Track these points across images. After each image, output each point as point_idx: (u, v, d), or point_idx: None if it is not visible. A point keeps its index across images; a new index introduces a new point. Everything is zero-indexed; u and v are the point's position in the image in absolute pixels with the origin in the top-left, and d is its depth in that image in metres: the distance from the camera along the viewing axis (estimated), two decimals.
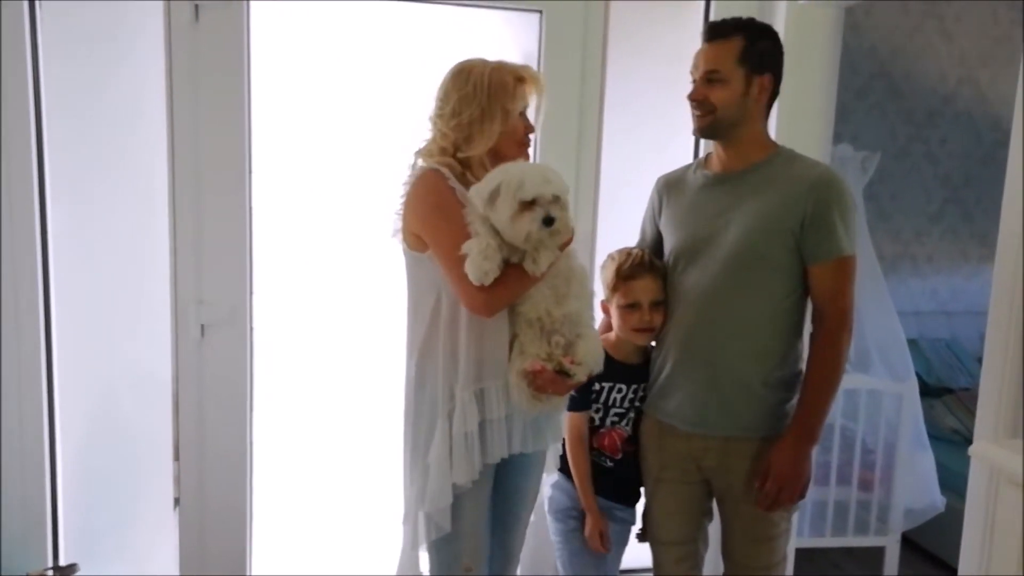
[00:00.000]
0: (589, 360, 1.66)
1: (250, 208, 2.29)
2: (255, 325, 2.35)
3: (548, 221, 1.53)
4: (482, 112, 1.63)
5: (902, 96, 4.16)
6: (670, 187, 1.94)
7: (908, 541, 3.00)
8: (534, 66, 2.36)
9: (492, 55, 1.71)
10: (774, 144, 1.85)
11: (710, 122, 1.75)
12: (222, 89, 2.21)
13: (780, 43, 1.80)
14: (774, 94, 1.80)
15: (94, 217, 2.21)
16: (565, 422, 1.90)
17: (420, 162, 1.70)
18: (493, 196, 1.53)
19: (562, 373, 1.64)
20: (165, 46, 2.17)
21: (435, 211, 1.62)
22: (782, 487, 1.73)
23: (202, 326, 2.28)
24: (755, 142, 1.79)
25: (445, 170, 1.65)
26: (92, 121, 2.19)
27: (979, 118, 4.27)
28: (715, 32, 1.76)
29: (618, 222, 2.17)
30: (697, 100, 1.75)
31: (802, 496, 1.78)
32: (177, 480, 2.34)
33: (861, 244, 3.06)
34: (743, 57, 1.72)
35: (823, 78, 2.35)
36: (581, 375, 1.65)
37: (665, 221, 1.93)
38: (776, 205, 1.72)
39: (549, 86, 2.33)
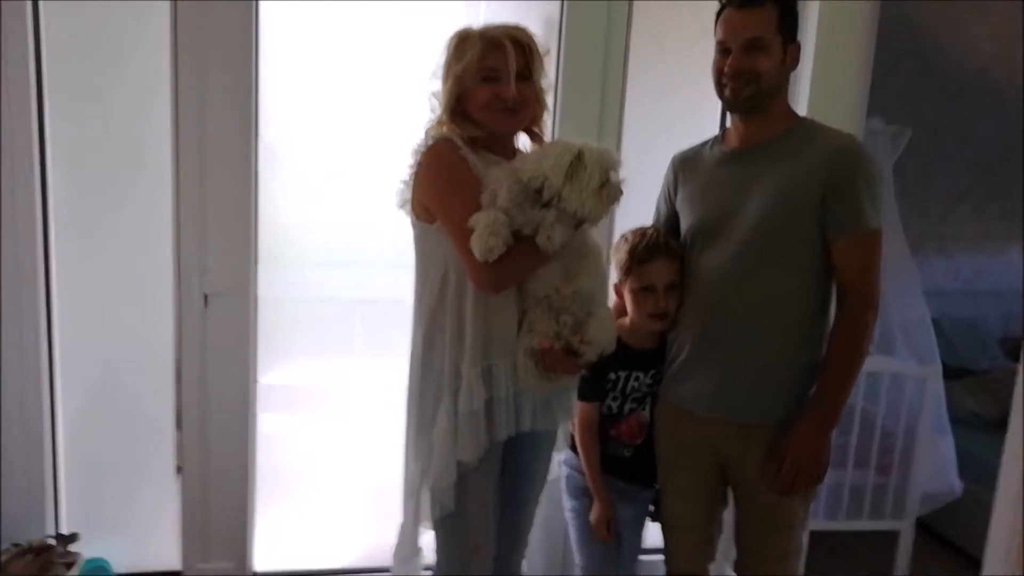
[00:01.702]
0: (600, 339, 1.60)
1: (256, 175, 2.21)
2: (260, 295, 2.29)
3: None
4: (445, 73, 1.59)
5: (933, 72, 4.03)
6: (686, 164, 1.86)
7: (922, 525, 2.95)
8: (553, 36, 2.28)
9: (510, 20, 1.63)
10: (796, 115, 1.77)
11: (753, 92, 1.65)
12: (229, 52, 2.11)
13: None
14: (797, 62, 1.73)
15: (95, 184, 2.16)
16: (575, 407, 1.85)
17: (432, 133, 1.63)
18: (574, 167, 1.47)
19: (571, 352, 1.58)
20: (171, 6, 2.08)
21: (446, 181, 1.55)
22: (799, 471, 1.66)
23: (205, 296, 2.22)
24: (781, 114, 1.72)
25: (457, 139, 1.57)
26: (92, 86, 2.13)
27: (1011, 97, 4.13)
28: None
29: (638, 200, 2.07)
30: (738, 70, 1.65)
31: (819, 481, 1.72)
32: (179, 449, 2.30)
33: (890, 222, 2.98)
34: (781, 24, 1.64)
35: (859, 49, 2.25)
36: (591, 355, 1.60)
37: (681, 199, 1.85)
38: (798, 177, 1.64)
39: (570, 59, 2.30)
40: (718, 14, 1.69)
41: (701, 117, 2.32)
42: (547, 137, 1.74)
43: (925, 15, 3.95)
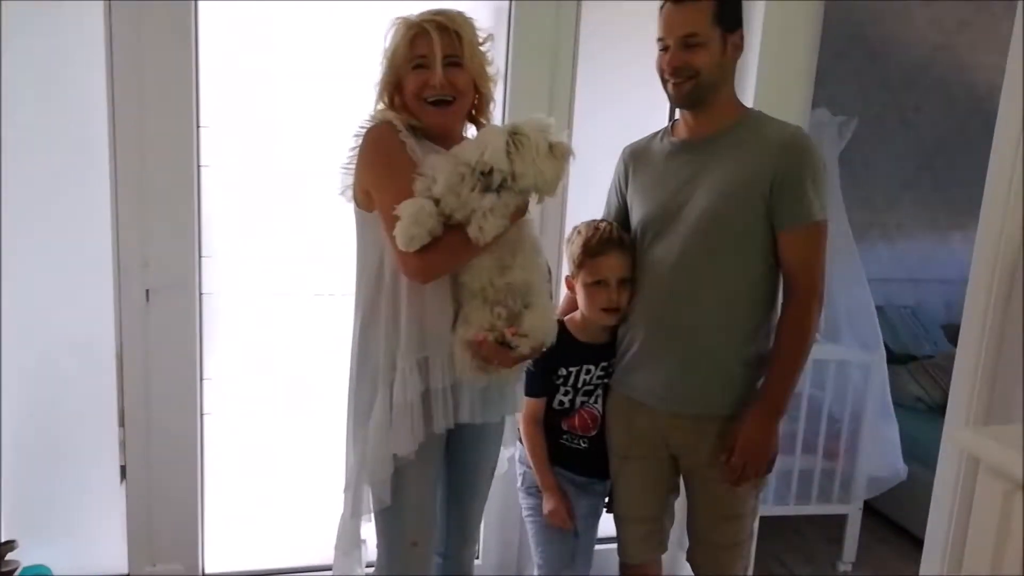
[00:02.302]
0: (536, 332, 1.58)
1: (198, 165, 2.15)
2: (205, 290, 2.23)
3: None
4: (382, 61, 1.57)
5: (878, 61, 4.10)
6: (636, 157, 1.86)
7: (869, 508, 3.03)
8: (502, 27, 2.25)
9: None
10: (743, 106, 1.77)
11: (692, 88, 1.65)
12: (166, 35, 2.05)
13: None
14: (741, 51, 1.72)
15: (31, 177, 2.07)
16: (522, 400, 1.84)
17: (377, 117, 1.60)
18: (516, 143, 1.45)
19: (505, 345, 1.56)
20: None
21: (381, 165, 1.53)
22: (748, 461, 1.68)
23: (147, 291, 2.15)
24: (727, 105, 1.72)
25: (398, 122, 1.55)
26: (25, 77, 2.03)
27: (954, 85, 4.22)
28: None
29: (590, 193, 2.07)
30: (676, 67, 1.65)
31: (768, 470, 1.74)
32: (123, 448, 2.23)
33: (835, 212, 3.03)
34: (718, 16, 1.63)
35: (804, 43, 2.27)
36: (525, 348, 1.57)
37: (632, 192, 1.85)
38: (745, 170, 1.64)
39: (520, 51, 2.28)
40: (660, 9, 1.69)
41: (653, 107, 2.31)
42: None
43: (872, 4, 4.00)
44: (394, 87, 1.57)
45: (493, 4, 2.28)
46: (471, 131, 1.69)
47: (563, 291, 1.99)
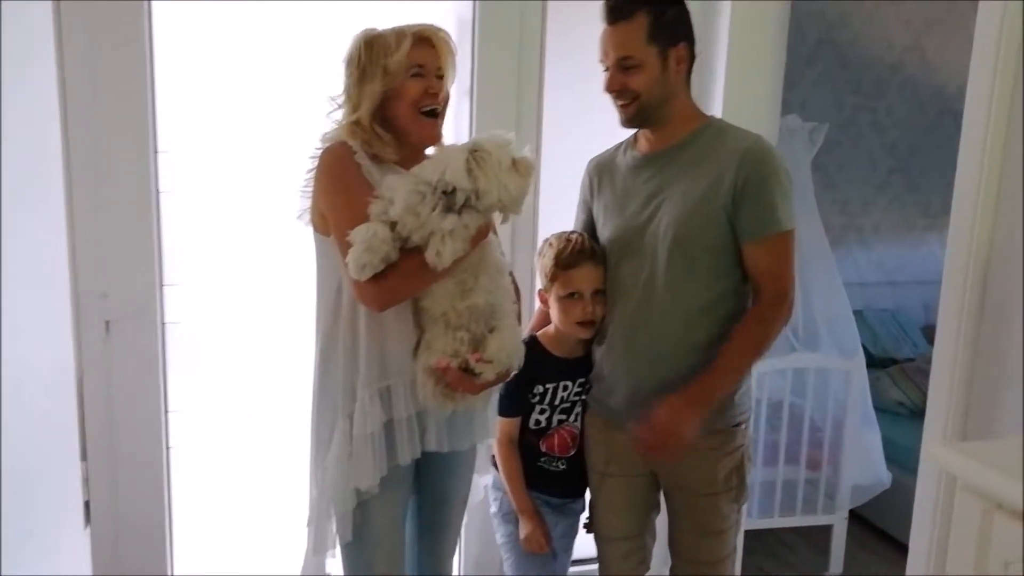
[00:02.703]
0: (501, 357, 1.53)
1: (157, 191, 2.09)
2: (167, 320, 2.17)
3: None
4: (363, 72, 1.50)
5: (849, 64, 4.10)
6: (601, 171, 1.83)
7: (854, 515, 3.00)
8: (466, 38, 2.22)
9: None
10: (702, 115, 1.73)
11: (637, 110, 1.63)
12: (120, 60, 2.00)
13: (684, 4, 1.68)
14: (691, 60, 1.68)
15: None
16: (495, 424, 1.79)
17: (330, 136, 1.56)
18: (477, 160, 1.40)
19: (469, 371, 1.51)
20: (54, 13, 1.94)
21: (335, 187, 1.48)
22: (656, 443, 1.59)
23: (107, 322, 2.09)
24: (683, 117, 1.68)
25: (355, 143, 1.50)
26: None
27: (924, 87, 4.24)
28: (616, 13, 1.60)
29: (560, 205, 2.03)
30: (616, 90, 1.62)
31: (674, 456, 1.61)
32: (87, 483, 2.16)
33: (809, 218, 3.02)
34: (652, 35, 1.58)
35: (771, 46, 2.25)
36: (489, 373, 1.52)
37: (598, 209, 1.82)
38: (707, 183, 1.60)
39: (485, 57, 2.26)
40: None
41: None
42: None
43: (840, 6, 4.00)
44: (380, 98, 1.51)
45: (456, 13, 2.25)
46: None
47: (536, 306, 1.95)
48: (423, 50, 1.51)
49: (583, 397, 1.86)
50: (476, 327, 1.53)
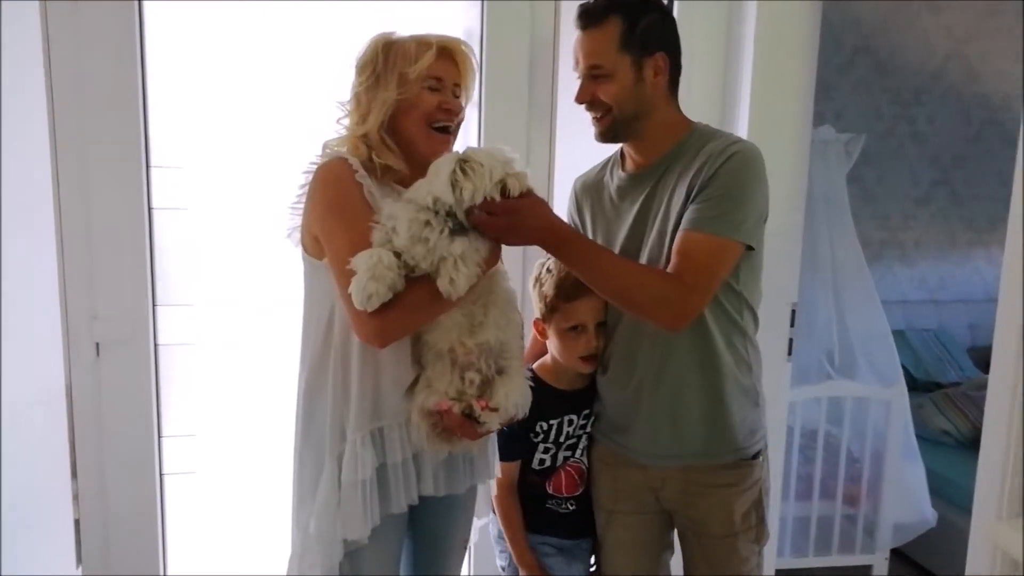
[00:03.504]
0: (509, 405, 1.38)
1: (149, 207, 2.00)
2: (161, 342, 2.07)
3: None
4: (376, 79, 1.39)
5: (887, 73, 3.94)
6: (588, 191, 1.70)
7: (896, 554, 2.79)
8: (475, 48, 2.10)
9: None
10: (686, 124, 1.56)
11: (609, 124, 1.50)
12: (110, 71, 1.92)
13: (667, 11, 1.56)
14: (675, 70, 1.54)
15: None
16: (495, 465, 1.65)
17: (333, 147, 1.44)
18: (465, 171, 1.27)
19: (471, 418, 1.37)
20: (42, 25, 1.86)
21: (333, 208, 1.34)
22: (499, 224, 1.34)
23: (97, 344, 2.00)
24: (664, 129, 1.53)
25: (354, 160, 1.38)
26: None
27: (968, 96, 4.06)
28: (588, 18, 1.48)
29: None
30: (586, 101, 1.50)
31: (504, 236, 1.37)
32: (77, 525, 2.07)
33: (844, 234, 2.85)
34: (624, 42, 1.46)
35: (802, 49, 2.08)
36: (494, 424, 1.38)
37: (590, 233, 1.68)
38: (687, 192, 1.46)
39: (494, 65, 2.12)
40: None
41: None
42: None
43: (877, 14, 3.85)
44: (392, 108, 1.40)
45: (463, 24, 2.14)
46: None
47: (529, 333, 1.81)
48: (444, 63, 1.41)
49: (588, 430, 1.72)
50: (486, 367, 1.39)
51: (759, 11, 2.01)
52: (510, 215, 1.34)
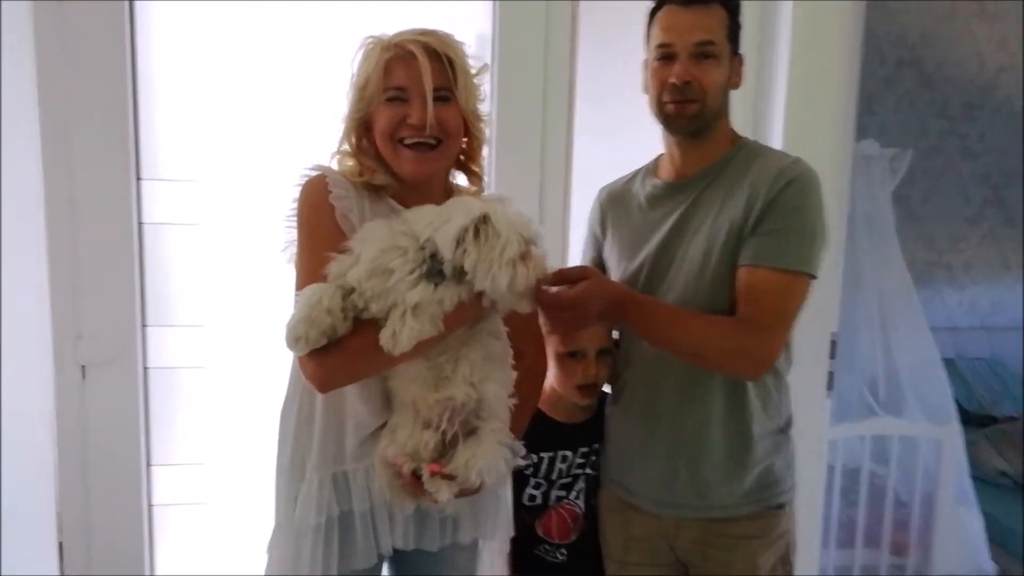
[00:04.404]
0: (470, 473, 1.19)
1: (139, 222, 1.89)
2: (150, 364, 1.95)
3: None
4: (350, 97, 1.27)
5: (934, 86, 3.74)
6: (615, 202, 1.57)
7: None
8: (487, 54, 1.97)
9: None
10: (735, 136, 1.47)
11: (698, 110, 1.37)
12: (99, 77, 1.82)
13: None
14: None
15: None
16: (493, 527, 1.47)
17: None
18: (480, 232, 1.12)
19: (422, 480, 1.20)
20: (34, 31, 1.78)
21: (301, 230, 1.24)
22: (566, 319, 1.28)
23: (82, 367, 1.89)
24: (719, 138, 1.44)
25: (336, 177, 1.25)
26: None
27: (1022, 110, 3.81)
28: None
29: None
30: (687, 82, 1.35)
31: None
32: (62, 554, 1.95)
33: (889, 256, 2.64)
34: (730, 30, 1.39)
35: (843, 56, 1.91)
36: (443, 494, 1.18)
37: (610, 246, 1.54)
38: (740, 213, 1.35)
39: (507, 71, 1.96)
40: (653, 12, 1.40)
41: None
42: (487, 177, 1.41)
43: (923, 24, 3.67)
44: (363, 126, 1.27)
45: (474, 28, 2.01)
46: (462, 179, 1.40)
47: None
48: (405, 69, 1.21)
49: (587, 471, 1.57)
50: (448, 426, 1.21)
51: (795, 11, 1.85)
52: (575, 308, 1.26)
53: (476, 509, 1.34)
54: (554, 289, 1.25)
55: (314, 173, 1.26)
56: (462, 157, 1.34)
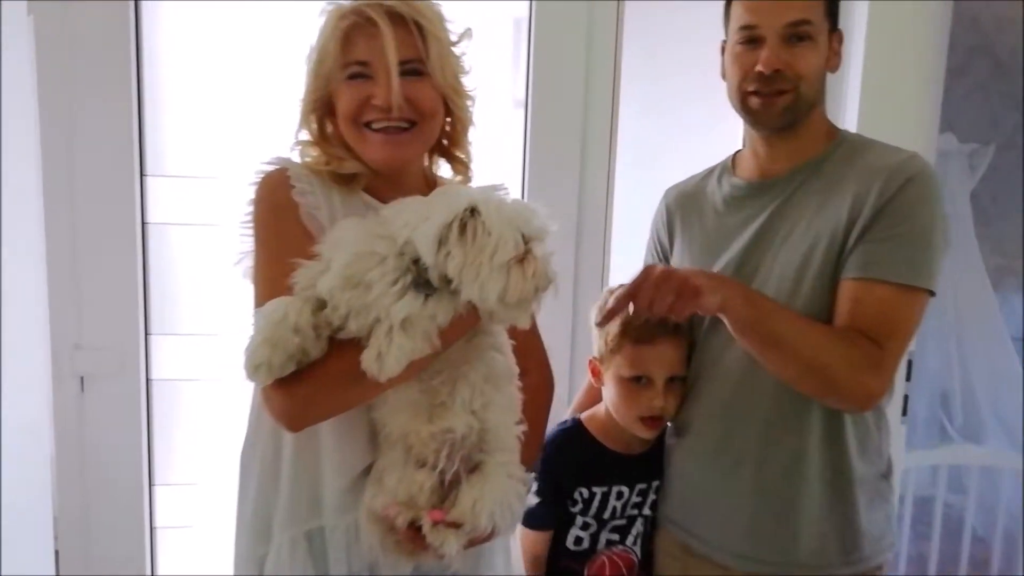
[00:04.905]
0: (479, 518, 1.00)
1: (143, 223, 1.75)
2: (153, 376, 1.82)
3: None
4: (306, 75, 1.08)
5: (1009, 76, 3.44)
6: (685, 204, 1.38)
7: None
8: (522, 41, 1.80)
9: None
10: (835, 130, 1.29)
11: (791, 102, 1.19)
12: (99, 63, 1.68)
13: None
14: None
15: None
16: (520, 543, 1.31)
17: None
18: (466, 229, 0.92)
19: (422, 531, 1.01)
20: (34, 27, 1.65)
21: (259, 234, 1.05)
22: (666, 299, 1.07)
23: (81, 378, 1.75)
24: (815, 129, 1.25)
25: (301, 168, 1.07)
26: None
27: None
28: None
29: (636, 255, 1.56)
30: (778, 70, 1.17)
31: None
32: None
33: (968, 261, 2.40)
34: (827, 6, 1.20)
35: (925, 46, 1.70)
36: (451, 545, 0.99)
37: (680, 254, 1.36)
38: (843, 217, 1.16)
39: (543, 65, 1.79)
40: None
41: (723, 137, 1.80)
42: (474, 164, 1.20)
43: (997, 7, 3.39)
44: (323, 106, 1.09)
45: (510, 12, 1.83)
46: (446, 170, 1.20)
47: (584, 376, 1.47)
48: (367, 39, 1.02)
49: (645, 512, 1.37)
50: (449, 463, 1.02)
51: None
52: (669, 280, 1.06)
53: (481, 562, 1.15)
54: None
55: (272, 167, 1.07)
56: (444, 141, 1.15)
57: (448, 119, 1.12)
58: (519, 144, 1.82)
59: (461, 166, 1.18)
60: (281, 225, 1.02)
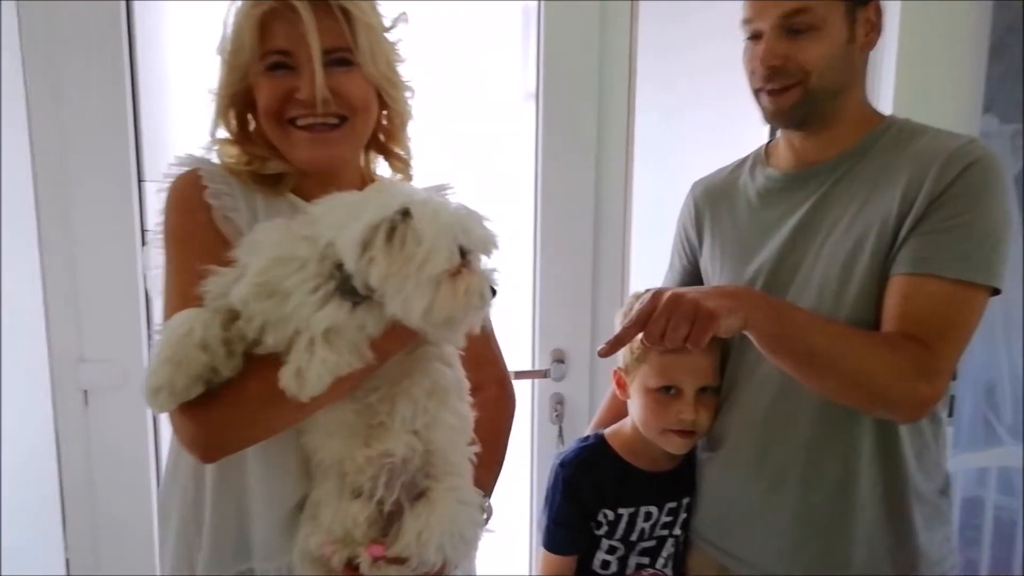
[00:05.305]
0: (426, 550, 0.90)
1: (143, 229, 1.69)
2: None
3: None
4: (219, 66, 0.99)
5: None
6: (715, 198, 1.29)
7: None
8: (533, 29, 1.72)
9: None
10: (878, 115, 1.18)
11: (799, 99, 1.10)
12: (91, 63, 1.63)
13: None
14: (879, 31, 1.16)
15: None
16: (543, 569, 1.25)
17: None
18: (392, 235, 0.81)
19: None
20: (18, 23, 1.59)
21: (168, 242, 0.95)
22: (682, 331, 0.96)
23: (84, 392, 1.71)
24: (854, 114, 1.15)
25: (216, 167, 0.98)
26: None
27: None
28: None
29: (657, 256, 1.47)
30: (774, 66, 1.09)
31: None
32: None
33: (1013, 250, 2.26)
34: None
35: (967, 25, 1.59)
36: None
37: (709, 252, 1.27)
38: (885, 211, 1.07)
39: (554, 55, 1.70)
40: None
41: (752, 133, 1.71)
42: (413, 161, 1.11)
43: None
44: (243, 101, 0.99)
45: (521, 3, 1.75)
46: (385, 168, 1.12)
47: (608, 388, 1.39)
48: (286, 26, 0.92)
49: (676, 532, 1.28)
50: (388, 491, 0.91)
51: None
52: (678, 305, 0.96)
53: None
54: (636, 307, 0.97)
55: (183, 169, 0.97)
56: (381, 137, 1.06)
57: (384, 112, 1.03)
58: (531, 139, 1.74)
59: (400, 163, 1.09)
60: (191, 230, 0.93)
